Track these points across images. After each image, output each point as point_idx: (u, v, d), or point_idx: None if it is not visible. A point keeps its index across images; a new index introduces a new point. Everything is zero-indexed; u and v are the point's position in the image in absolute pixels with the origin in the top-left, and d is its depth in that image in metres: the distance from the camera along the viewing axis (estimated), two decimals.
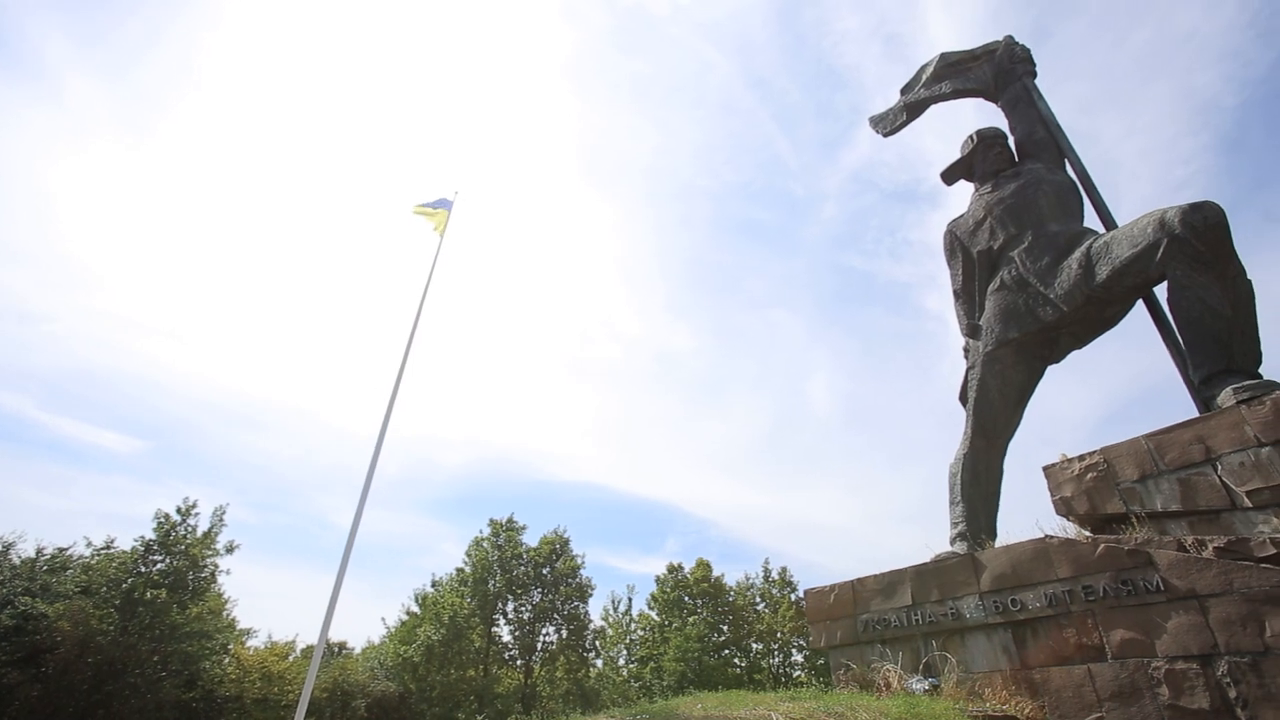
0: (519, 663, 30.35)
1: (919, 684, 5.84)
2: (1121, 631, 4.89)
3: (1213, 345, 5.63)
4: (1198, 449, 5.14)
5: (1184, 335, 5.92)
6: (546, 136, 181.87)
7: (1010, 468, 7.55)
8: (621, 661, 35.76)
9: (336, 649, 37.29)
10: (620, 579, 64.64)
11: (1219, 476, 4.97)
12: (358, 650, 37.74)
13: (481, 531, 32.57)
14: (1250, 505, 4.76)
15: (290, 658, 26.49)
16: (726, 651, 32.33)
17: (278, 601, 74.38)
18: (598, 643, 32.93)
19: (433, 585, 31.37)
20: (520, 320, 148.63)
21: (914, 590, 6.50)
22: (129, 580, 21.57)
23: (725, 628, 33.00)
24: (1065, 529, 5.91)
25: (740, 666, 31.81)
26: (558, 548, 32.47)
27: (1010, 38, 9.01)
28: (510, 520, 32.71)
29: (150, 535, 23.08)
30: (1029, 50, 8.88)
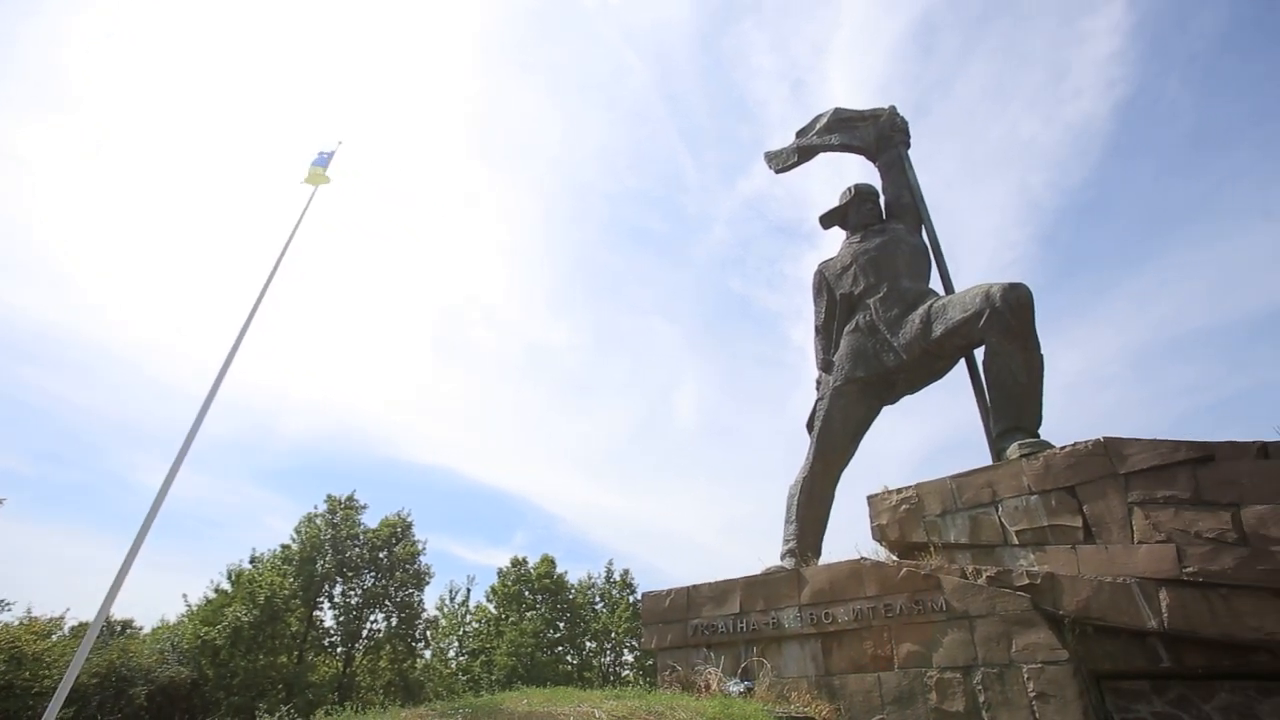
0: (339, 650, 28.36)
1: (736, 686, 6.25)
2: (909, 645, 5.59)
3: (1010, 405, 6.64)
4: (987, 492, 6.02)
5: (990, 393, 6.93)
6: (446, 105, 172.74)
7: (840, 494, 8.32)
8: (452, 654, 34.62)
9: (119, 628, 32.57)
10: (463, 568, 62.65)
11: (999, 517, 5.86)
12: (147, 630, 33.18)
13: (317, 507, 30.10)
14: (1017, 543, 5.66)
15: (54, 636, 22.59)
16: (560, 648, 32.47)
17: (51, 571, 63.20)
18: (429, 633, 31.63)
19: (251, 562, 28.41)
20: (389, 289, 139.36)
21: (743, 599, 6.95)
22: None
23: (562, 625, 33.14)
24: (878, 552, 6.65)
25: (572, 664, 32.09)
26: (399, 531, 30.79)
27: (894, 108, 9.99)
28: (350, 498, 30.51)
29: None
30: (908, 123, 9.92)
